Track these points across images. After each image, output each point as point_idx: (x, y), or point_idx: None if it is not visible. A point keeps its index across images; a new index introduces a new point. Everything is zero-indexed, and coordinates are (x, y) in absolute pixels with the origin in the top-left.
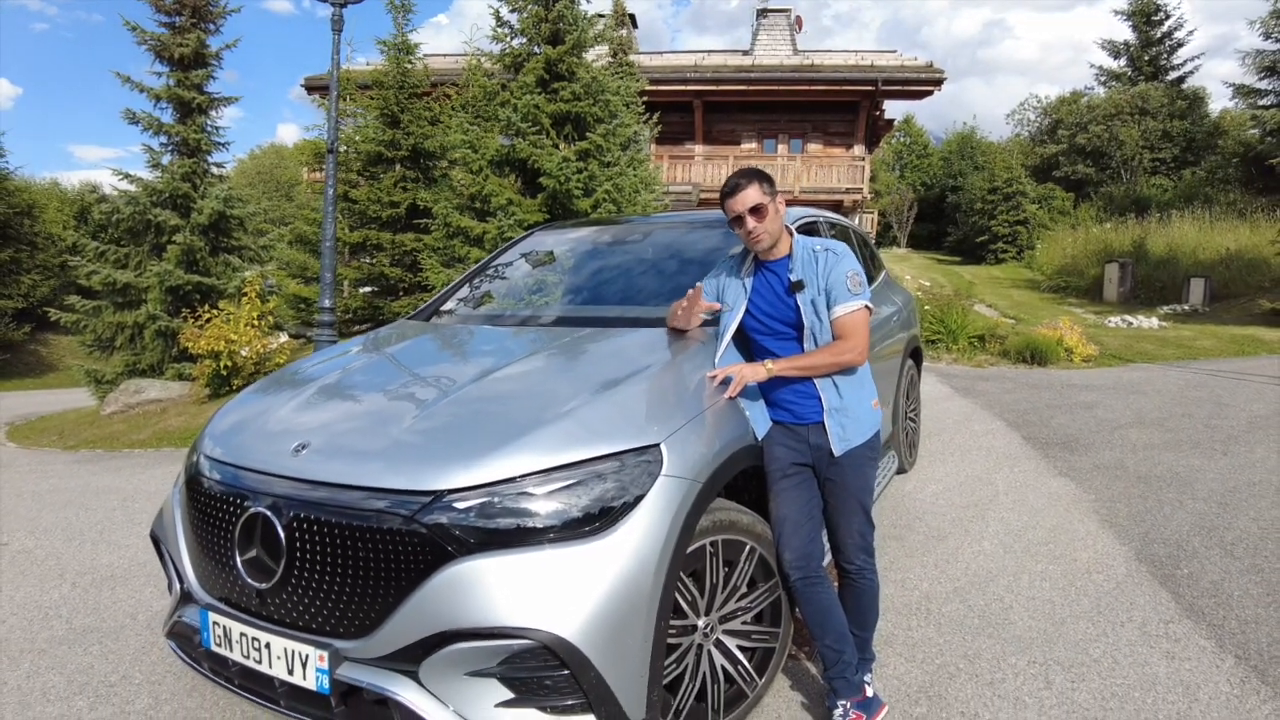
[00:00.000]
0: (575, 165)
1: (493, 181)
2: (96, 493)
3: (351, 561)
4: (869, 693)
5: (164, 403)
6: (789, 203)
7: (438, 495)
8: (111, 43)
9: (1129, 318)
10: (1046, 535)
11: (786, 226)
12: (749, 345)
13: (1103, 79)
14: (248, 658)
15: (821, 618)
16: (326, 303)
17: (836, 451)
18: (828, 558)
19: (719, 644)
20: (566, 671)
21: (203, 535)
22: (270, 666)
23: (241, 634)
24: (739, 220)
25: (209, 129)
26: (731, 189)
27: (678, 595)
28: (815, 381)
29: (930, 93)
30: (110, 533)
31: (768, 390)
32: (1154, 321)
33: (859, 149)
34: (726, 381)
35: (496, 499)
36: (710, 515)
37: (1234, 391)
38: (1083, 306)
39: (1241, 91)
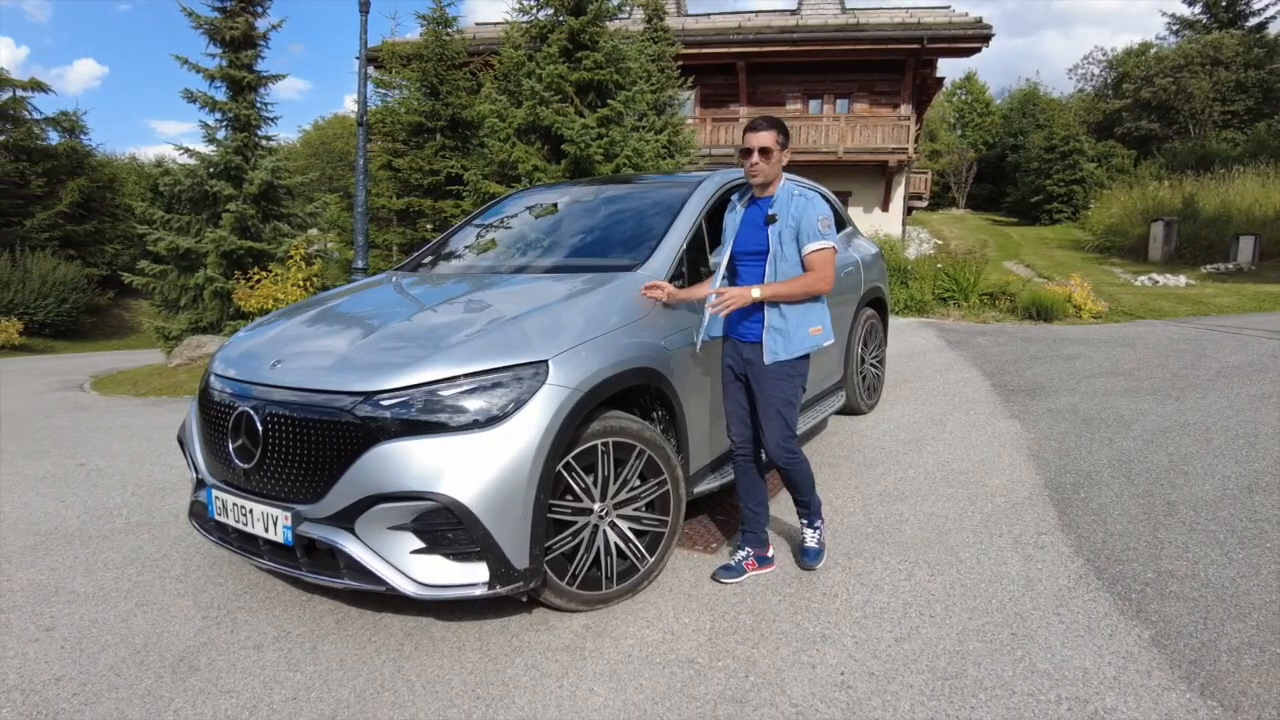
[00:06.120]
0: (596, 131)
1: (519, 149)
2: (158, 428)
3: (307, 444)
4: (769, 552)
5: None
6: (833, 164)
7: (368, 395)
8: (185, 22)
9: (1158, 276)
10: (971, 466)
11: (786, 175)
12: (731, 265)
13: (1175, 27)
14: (239, 522)
15: (748, 487)
16: (360, 264)
17: (766, 361)
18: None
19: (613, 525)
20: (462, 527)
21: (208, 433)
22: (253, 527)
23: (234, 504)
24: (748, 152)
25: (258, 105)
26: (754, 127)
27: (573, 482)
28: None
29: (978, 49)
30: (166, 457)
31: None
32: (1181, 280)
33: (905, 108)
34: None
35: (413, 398)
36: (602, 421)
37: (1220, 345)
38: (1123, 266)
39: None
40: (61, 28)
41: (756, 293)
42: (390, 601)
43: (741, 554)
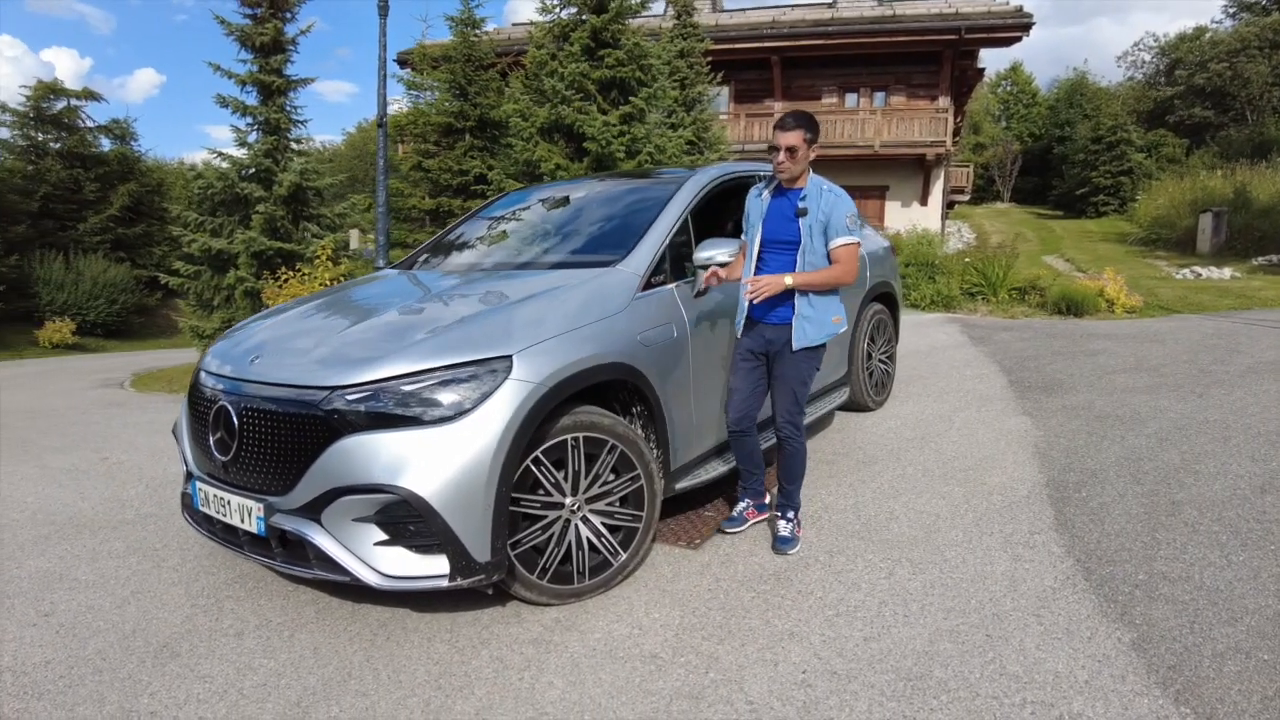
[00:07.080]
0: (618, 129)
1: (542, 148)
2: None
3: (278, 437)
4: (767, 499)
5: None
6: (869, 158)
7: (334, 389)
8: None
9: (1201, 269)
10: (972, 464)
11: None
12: (757, 254)
13: (1233, 10)
14: (219, 513)
15: (746, 455)
16: (380, 263)
17: (795, 346)
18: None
19: (585, 520)
20: (422, 520)
21: (194, 426)
22: (230, 517)
23: (214, 495)
24: (775, 149)
25: (288, 108)
26: (783, 125)
27: (542, 477)
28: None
29: (1018, 38)
30: None
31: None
32: (1226, 272)
33: (944, 100)
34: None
35: (376, 393)
36: (573, 416)
37: (1256, 340)
38: (1168, 259)
39: None
40: (123, 39)
41: (789, 280)
42: (370, 593)
43: (741, 505)
